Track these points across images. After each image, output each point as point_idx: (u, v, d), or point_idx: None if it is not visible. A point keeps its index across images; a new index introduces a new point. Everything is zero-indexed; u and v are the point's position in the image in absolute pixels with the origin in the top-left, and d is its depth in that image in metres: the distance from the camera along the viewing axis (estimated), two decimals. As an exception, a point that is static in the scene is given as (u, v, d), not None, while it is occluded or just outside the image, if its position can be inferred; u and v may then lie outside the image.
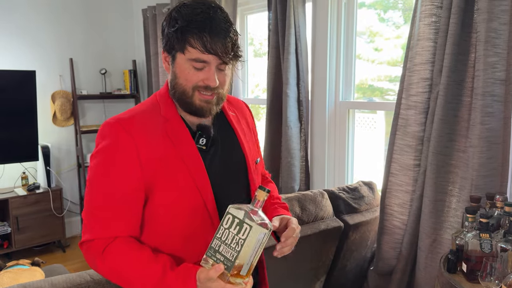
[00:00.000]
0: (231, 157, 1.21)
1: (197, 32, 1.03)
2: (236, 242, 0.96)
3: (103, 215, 1.07)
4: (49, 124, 4.22)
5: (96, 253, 1.06)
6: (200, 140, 1.14)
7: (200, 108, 1.11)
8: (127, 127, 1.08)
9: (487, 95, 1.73)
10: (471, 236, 1.48)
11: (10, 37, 3.93)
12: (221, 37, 1.04)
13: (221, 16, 1.06)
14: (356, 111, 2.69)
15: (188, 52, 1.05)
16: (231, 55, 1.06)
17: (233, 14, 3.20)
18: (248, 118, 1.36)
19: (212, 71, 1.07)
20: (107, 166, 1.08)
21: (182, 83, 1.09)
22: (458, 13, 1.78)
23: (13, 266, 2.33)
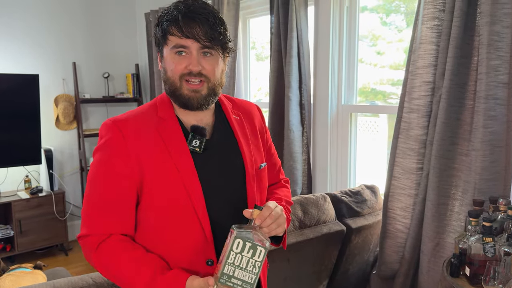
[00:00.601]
0: (228, 161, 1.19)
1: (172, 19, 1.07)
2: (252, 265, 0.99)
3: (97, 212, 1.10)
4: (52, 128, 4.24)
5: (91, 248, 1.08)
6: (193, 142, 1.13)
7: (188, 98, 1.10)
8: (120, 126, 1.10)
9: (490, 98, 1.72)
10: (474, 240, 1.48)
11: (14, 41, 3.95)
12: (198, 21, 1.06)
13: (200, 5, 1.09)
14: (359, 114, 2.69)
15: (169, 41, 1.08)
16: (211, 39, 1.07)
17: (235, 18, 3.21)
18: (257, 121, 1.32)
19: (194, 55, 1.08)
20: (102, 165, 1.11)
21: (170, 75, 1.11)
22: (460, 16, 1.78)
23: (15, 269, 2.33)
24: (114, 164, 1.09)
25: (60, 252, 4.11)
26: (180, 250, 1.12)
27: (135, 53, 4.73)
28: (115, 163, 1.09)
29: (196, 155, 1.13)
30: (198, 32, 1.06)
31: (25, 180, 4.03)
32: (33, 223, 3.83)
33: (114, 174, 1.09)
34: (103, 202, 1.09)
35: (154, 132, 1.11)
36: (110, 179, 1.09)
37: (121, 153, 1.09)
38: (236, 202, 1.19)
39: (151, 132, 1.11)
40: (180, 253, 1.12)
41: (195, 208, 1.10)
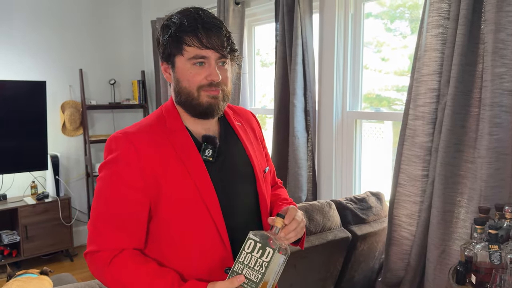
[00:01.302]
0: (238, 168, 1.21)
1: (191, 30, 1.06)
2: (260, 264, 1.00)
3: (108, 227, 1.08)
4: (58, 134, 4.27)
5: (103, 265, 1.07)
6: (206, 151, 1.13)
7: (208, 106, 1.11)
8: (133, 140, 1.09)
9: (495, 106, 1.73)
10: (480, 247, 1.47)
11: (22, 48, 4.00)
12: (215, 31, 1.07)
13: (210, 15, 1.11)
14: (364, 121, 2.69)
15: (186, 52, 1.08)
16: (227, 48, 1.09)
17: (240, 26, 3.23)
18: (255, 127, 1.35)
19: (213, 65, 1.09)
20: (113, 179, 1.09)
21: (186, 85, 1.10)
22: (465, 24, 1.78)
23: (22, 275, 2.34)
24: (127, 178, 1.07)
25: (65, 257, 4.12)
26: (198, 259, 1.12)
27: (141, 60, 4.76)
28: (128, 177, 1.07)
29: (209, 164, 1.13)
30: (216, 42, 1.07)
31: (31, 186, 4.06)
32: (39, 229, 3.85)
33: (127, 188, 1.07)
34: (115, 217, 1.08)
35: (167, 143, 1.11)
36: (123, 193, 1.07)
37: (135, 166, 1.07)
38: (249, 207, 1.21)
39: (164, 144, 1.11)
40: (199, 262, 1.12)
41: (213, 217, 1.10)
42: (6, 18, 3.90)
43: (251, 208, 1.22)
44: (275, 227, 1.07)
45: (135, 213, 1.09)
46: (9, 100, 3.70)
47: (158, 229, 1.12)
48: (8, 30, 3.92)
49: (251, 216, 1.22)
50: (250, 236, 1.03)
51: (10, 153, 3.75)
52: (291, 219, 1.10)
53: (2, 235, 3.74)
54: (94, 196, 1.12)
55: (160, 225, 1.12)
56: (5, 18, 3.89)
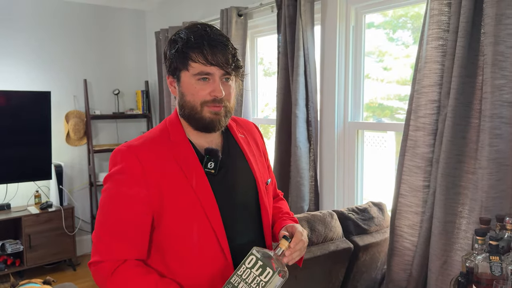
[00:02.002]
0: (241, 180, 1.22)
1: (196, 47, 1.09)
2: (257, 283, 1.01)
3: (112, 238, 1.10)
4: (62, 143, 4.30)
5: (105, 275, 1.08)
6: (209, 164, 1.15)
7: (210, 121, 1.13)
8: (137, 153, 1.11)
9: (495, 117, 1.74)
10: (481, 258, 1.48)
11: (27, 59, 4.05)
12: (220, 49, 1.09)
13: (216, 32, 1.13)
14: (366, 130, 2.71)
15: (191, 68, 1.10)
16: (232, 65, 1.11)
17: (243, 37, 3.27)
18: (258, 139, 1.37)
19: (217, 82, 1.11)
20: (117, 191, 1.11)
21: (190, 99, 1.12)
22: (465, 37, 1.81)
23: (25, 285, 2.35)
24: (131, 190, 1.09)
25: (68, 267, 4.13)
26: (200, 270, 1.13)
27: (145, 71, 4.81)
28: (132, 189, 1.09)
29: (211, 177, 1.15)
30: (221, 59, 1.09)
31: (35, 195, 4.09)
32: (43, 238, 3.87)
33: (131, 200, 1.09)
34: (119, 228, 1.10)
35: (170, 156, 1.13)
36: (127, 205, 1.10)
37: (139, 179, 1.09)
38: (251, 218, 1.23)
39: (167, 157, 1.13)
40: (200, 273, 1.13)
41: (214, 229, 1.12)
42: (12, 30, 3.96)
43: (253, 220, 1.23)
44: (279, 248, 1.07)
45: (139, 225, 1.11)
46: (15, 110, 3.74)
47: (160, 240, 1.14)
48: (14, 41, 3.97)
49: (253, 227, 1.23)
50: (254, 251, 1.03)
51: (14, 162, 3.78)
52: (298, 241, 1.12)
53: (6, 244, 3.75)
54: (99, 207, 1.14)
55: (162, 236, 1.13)
56: (11, 29, 3.95)
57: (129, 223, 1.10)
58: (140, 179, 1.09)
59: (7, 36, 3.93)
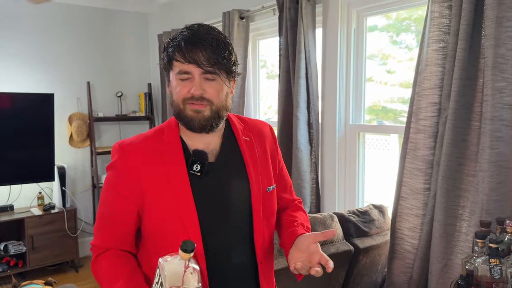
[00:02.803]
0: (231, 185, 1.18)
1: (177, 46, 1.10)
2: None
3: (101, 226, 1.18)
4: (65, 145, 4.32)
5: (92, 258, 1.17)
6: (194, 166, 1.13)
7: (191, 119, 1.12)
8: (124, 148, 1.16)
9: (496, 120, 1.74)
10: (480, 261, 1.47)
11: (31, 62, 4.08)
12: (201, 47, 1.08)
13: (205, 31, 1.11)
14: (369, 132, 2.71)
15: (174, 67, 1.12)
16: (214, 64, 1.08)
17: (245, 40, 3.28)
18: (268, 142, 1.29)
19: (195, 80, 1.09)
20: (107, 183, 1.18)
21: (175, 98, 1.13)
22: (465, 39, 1.81)
23: (27, 285, 2.36)
24: (116, 184, 1.16)
25: (70, 268, 4.14)
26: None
27: (148, 73, 4.83)
28: (117, 184, 1.16)
29: (196, 179, 1.13)
30: (200, 58, 1.07)
31: (38, 196, 4.10)
32: (45, 240, 3.88)
33: (115, 193, 1.16)
34: (106, 218, 1.17)
35: (156, 156, 1.14)
36: (111, 198, 1.16)
37: (124, 175, 1.14)
38: (238, 226, 1.18)
39: (153, 156, 1.15)
40: None
41: (190, 235, 1.10)
42: (16, 32, 3.99)
43: (241, 228, 1.18)
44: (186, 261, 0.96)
45: (123, 218, 1.15)
46: (18, 112, 3.76)
47: (144, 235, 1.18)
48: (18, 44, 4.00)
49: (239, 237, 1.18)
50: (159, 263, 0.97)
51: (17, 164, 3.80)
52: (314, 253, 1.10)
53: (9, 245, 3.77)
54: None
55: (144, 232, 1.18)
56: (15, 31, 3.98)
57: (114, 215, 1.16)
58: (125, 175, 1.14)
59: (11, 38, 3.96)
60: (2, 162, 3.73)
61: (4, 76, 3.95)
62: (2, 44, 3.92)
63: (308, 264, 1.11)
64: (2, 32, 3.92)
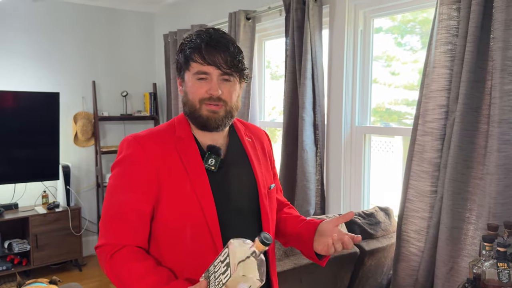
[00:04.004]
0: (241, 181, 1.23)
1: (196, 47, 1.14)
2: (218, 281, 0.94)
3: (114, 223, 1.14)
4: (70, 144, 4.34)
5: (105, 258, 1.12)
6: (209, 160, 1.18)
7: (207, 119, 1.16)
8: (140, 141, 1.16)
9: (504, 123, 1.73)
10: (488, 265, 1.47)
11: (37, 61, 4.09)
12: (220, 50, 1.13)
13: (220, 34, 1.17)
14: (373, 134, 2.70)
15: (191, 68, 1.15)
16: (231, 66, 1.14)
17: (251, 40, 3.27)
18: (266, 145, 1.38)
19: (214, 81, 1.14)
20: (119, 177, 1.16)
21: (190, 97, 1.17)
22: (474, 42, 1.80)
23: (31, 284, 2.37)
24: (133, 177, 1.14)
25: (74, 267, 4.15)
26: (192, 264, 1.14)
27: (153, 73, 4.84)
28: (135, 177, 1.14)
29: (211, 173, 1.17)
30: (219, 60, 1.13)
31: (42, 195, 4.12)
32: (49, 238, 3.89)
33: (133, 187, 1.13)
34: (120, 214, 1.14)
35: (173, 149, 1.17)
36: (129, 192, 1.13)
37: (142, 167, 1.13)
38: (249, 218, 1.23)
39: (170, 149, 1.16)
40: (192, 267, 1.14)
41: (209, 225, 1.13)
42: (22, 31, 4.00)
43: (250, 221, 1.23)
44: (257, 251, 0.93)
45: (139, 212, 1.14)
46: (23, 111, 3.78)
47: (157, 229, 1.17)
48: (24, 43, 4.01)
49: (250, 228, 1.23)
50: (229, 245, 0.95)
51: (22, 162, 3.81)
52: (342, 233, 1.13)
53: (13, 243, 3.78)
54: (106, 192, 1.18)
55: (158, 225, 1.16)
56: (21, 30, 3.99)
57: (130, 210, 1.13)
58: (142, 168, 1.13)
59: (17, 37, 3.98)
60: (7, 161, 3.75)
61: (10, 75, 3.96)
62: (8, 43, 3.94)
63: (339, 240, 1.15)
64: (8, 31, 3.93)
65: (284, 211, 1.42)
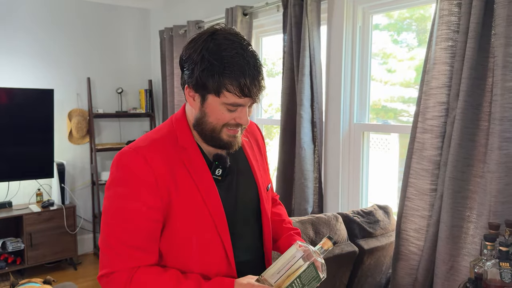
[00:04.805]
0: (245, 186, 1.21)
1: (235, 78, 1.02)
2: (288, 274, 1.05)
3: (125, 246, 1.05)
4: (65, 142, 4.29)
5: (123, 285, 1.04)
6: (216, 170, 1.14)
7: (228, 143, 1.11)
8: (145, 155, 1.06)
9: (505, 120, 1.71)
10: (490, 264, 1.44)
11: (31, 57, 4.04)
12: (256, 80, 1.04)
13: (252, 55, 1.06)
14: (370, 132, 2.68)
15: (224, 97, 1.04)
16: (261, 94, 1.08)
17: (248, 36, 3.24)
18: (260, 141, 1.36)
19: (245, 111, 1.08)
20: (126, 196, 1.06)
21: (213, 122, 1.08)
22: (475, 38, 1.77)
23: (25, 284, 2.33)
24: (143, 195, 1.05)
25: (69, 266, 4.11)
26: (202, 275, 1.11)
27: (149, 69, 4.79)
28: (144, 194, 1.05)
29: (217, 182, 1.14)
30: (255, 92, 1.05)
31: (37, 193, 4.07)
32: (44, 237, 3.85)
33: (143, 205, 1.05)
34: (132, 236, 1.05)
35: (178, 161, 1.10)
36: (139, 211, 1.05)
37: (150, 183, 1.05)
38: (252, 225, 1.22)
39: (175, 161, 1.10)
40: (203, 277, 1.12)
41: (220, 235, 1.11)
42: (16, 27, 3.94)
43: (253, 227, 1.23)
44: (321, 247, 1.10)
45: (151, 231, 1.08)
46: (17, 108, 3.73)
47: (167, 243, 1.12)
48: (18, 39, 3.96)
49: (254, 234, 1.23)
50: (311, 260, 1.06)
51: (16, 160, 3.76)
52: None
53: (7, 242, 3.74)
54: (105, 214, 1.08)
55: (167, 239, 1.11)
56: (15, 27, 3.94)
57: (140, 231, 1.06)
58: (150, 184, 1.05)
59: (11, 34, 3.92)
60: (0, 158, 3.70)
61: (4, 71, 3.91)
62: (2, 39, 3.88)
63: None
64: (2, 27, 3.87)
65: (272, 212, 1.40)
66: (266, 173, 1.33)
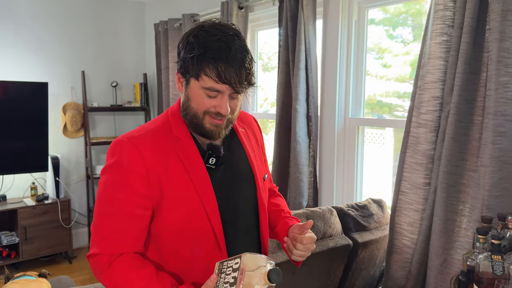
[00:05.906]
0: (240, 175, 1.21)
1: (212, 62, 1.02)
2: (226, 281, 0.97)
3: (110, 231, 1.08)
4: (59, 135, 4.27)
5: (102, 267, 1.08)
6: (210, 160, 1.14)
7: (209, 131, 1.11)
8: (137, 144, 1.08)
9: (499, 115, 1.72)
10: (482, 257, 1.46)
11: (25, 50, 4.00)
12: (236, 67, 1.03)
13: (238, 45, 1.06)
14: (367, 126, 2.68)
15: (202, 80, 1.05)
16: (244, 84, 1.06)
17: (243, 30, 3.23)
18: (257, 133, 1.36)
19: (225, 99, 1.07)
20: (116, 183, 1.08)
21: (194, 106, 1.09)
22: (469, 33, 1.78)
23: (20, 277, 2.33)
24: (132, 184, 1.07)
25: (64, 260, 4.11)
26: (194, 263, 1.13)
27: (144, 63, 4.77)
28: (133, 183, 1.07)
29: (210, 171, 1.14)
30: (234, 79, 1.04)
31: (31, 187, 4.05)
32: (39, 230, 3.84)
33: (132, 193, 1.07)
34: (118, 221, 1.08)
35: (171, 150, 1.11)
36: (127, 198, 1.07)
37: (140, 172, 1.07)
38: (248, 214, 1.22)
39: (168, 150, 1.11)
40: (195, 266, 1.13)
41: (212, 224, 1.11)
42: (10, 20, 3.90)
43: (250, 215, 1.23)
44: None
45: (138, 218, 1.09)
46: (11, 101, 3.70)
47: (157, 232, 1.13)
48: (12, 32, 3.92)
49: (250, 223, 1.23)
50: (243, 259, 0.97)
51: (10, 153, 3.74)
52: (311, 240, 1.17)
53: (1, 236, 3.73)
54: (97, 199, 1.11)
55: (160, 228, 1.12)
56: (9, 19, 3.90)
57: (128, 217, 1.08)
58: (141, 172, 1.07)
59: (5, 26, 3.88)
60: (-6, 152, 3.68)
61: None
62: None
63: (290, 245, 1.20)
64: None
65: (270, 202, 1.41)
66: (264, 163, 1.33)
